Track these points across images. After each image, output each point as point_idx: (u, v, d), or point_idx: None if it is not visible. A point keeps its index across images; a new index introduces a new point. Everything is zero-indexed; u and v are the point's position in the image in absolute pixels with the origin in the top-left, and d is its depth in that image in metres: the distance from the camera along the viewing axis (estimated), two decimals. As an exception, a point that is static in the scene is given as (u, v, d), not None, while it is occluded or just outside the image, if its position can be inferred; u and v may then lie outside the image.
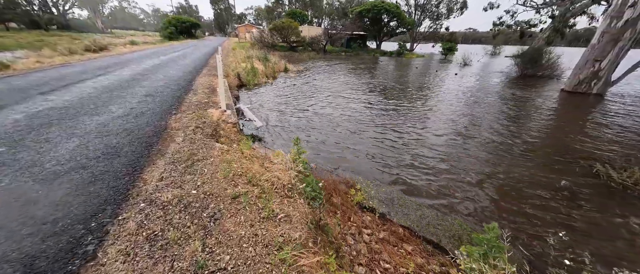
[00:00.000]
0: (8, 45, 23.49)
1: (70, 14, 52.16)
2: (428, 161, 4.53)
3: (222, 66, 5.01)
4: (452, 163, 4.47)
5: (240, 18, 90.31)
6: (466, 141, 5.52)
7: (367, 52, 34.94)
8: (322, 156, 4.67)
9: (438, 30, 46.28)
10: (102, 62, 11.75)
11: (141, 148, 3.29)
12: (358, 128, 6.08)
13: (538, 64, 15.93)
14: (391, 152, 4.88)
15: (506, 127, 6.50)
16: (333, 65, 19.33)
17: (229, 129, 4.55)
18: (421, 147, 5.13)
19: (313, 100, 8.63)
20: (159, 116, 4.61)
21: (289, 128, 5.97)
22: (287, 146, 4.98)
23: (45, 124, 3.84)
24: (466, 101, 9.18)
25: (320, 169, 4.06)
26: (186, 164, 2.96)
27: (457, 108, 8.21)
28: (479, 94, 10.49)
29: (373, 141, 5.38)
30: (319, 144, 5.18)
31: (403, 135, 5.74)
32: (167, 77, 8.36)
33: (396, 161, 4.53)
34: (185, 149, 3.37)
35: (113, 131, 3.75)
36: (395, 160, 4.55)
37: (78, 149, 3.11)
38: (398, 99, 9.28)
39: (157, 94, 6.13)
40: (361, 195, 2.96)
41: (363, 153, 4.79)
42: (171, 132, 3.90)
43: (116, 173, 2.66)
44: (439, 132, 5.97)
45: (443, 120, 6.90)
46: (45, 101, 4.96)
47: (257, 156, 3.80)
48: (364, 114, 7.21)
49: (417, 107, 8.13)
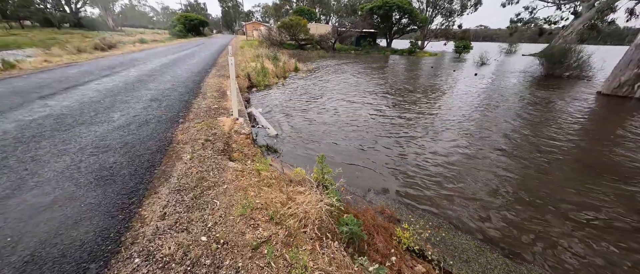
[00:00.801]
0: (21, 44, 23.73)
1: (83, 12, 52.94)
2: (470, 187, 3.89)
3: (234, 68, 4.49)
4: (501, 188, 3.82)
5: (247, 15, 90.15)
6: (508, 158, 4.83)
7: (377, 51, 34.00)
8: (346, 174, 4.09)
9: (450, 27, 44.80)
10: (109, 61, 11.45)
11: (142, 170, 2.78)
12: (381, 141, 5.46)
13: (566, 64, 14.85)
14: (420, 172, 4.25)
15: (550, 140, 5.75)
16: (343, 65, 18.64)
17: (242, 141, 4.01)
18: (460, 167, 4.47)
19: (327, 104, 8.03)
20: (165, 125, 4.11)
21: (305, 136, 5.41)
22: (306, 159, 4.42)
23: (37, 136, 3.39)
24: (494, 107, 8.41)
25: (348, 191, 3.48)
26: (194, 194, 2.42)
27: (488, 117, 7.46)
28: (506, 99, 9.67)
29: (398, 156, 4.76)
30: (339, 154, 4.60)
31: (431, 150, 5.09)
32: (175, 78, 7.91)
33: (429, 182, 3.90)
34: (194, 170, 2.85)
35: (111, 145, 3.26)
36: (428, 181, 3.93)
37: (67, 172, 2.61)
38: (417, 104, 8.59)
39: (164, 98, 5.66)
40: (409, 235, 2.37)
41: (393, 171, 4.18)
42: (177, 148, 3.39)
43: (109, 208, 2.15)
44: (473, 149, 5.29)
45: (474, 132, 6.20)
46: (43, 107, 4.54)
47: (276, 176, 3.25)
48: (385, 124, 6.57)
49: (441, 116, 7.43)
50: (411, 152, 4.77)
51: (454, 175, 4.03)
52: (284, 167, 4.25)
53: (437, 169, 4.22)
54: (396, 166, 4.29)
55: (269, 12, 78.36)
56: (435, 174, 4.04)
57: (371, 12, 34.63)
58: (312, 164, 4.30)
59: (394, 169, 4.17)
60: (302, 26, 29.48)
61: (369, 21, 35.88)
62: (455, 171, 4.14)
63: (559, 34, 34.79)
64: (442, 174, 4.06)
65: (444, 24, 44.48)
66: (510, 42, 41.37)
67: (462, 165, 4.36)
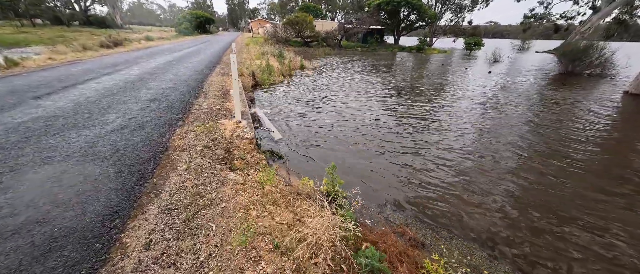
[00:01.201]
0: (30, 41, 24.00)
1: (92, 10, 53.63)
2: (493, 201, 3.45)
3: (237, 67, 4.14)
4: (526, 202, 3.37)
5: (253, 13, 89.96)
6: (532, 167, 4.36)
7: (384, 48, 33.26)
8: (357, 183, 3.70)
9: (460, 23, 43.58)
10: (113, 59, 11.27)
11: (130, 183, 2.45)
12: (391, 145, 5.03)
13: (587, 61, 14.01)
14: (438, 182, 3.83)
15: (575, 144, 5.22)
16: (350, 63, 18.14)
17: (245, 146, 3.66)
18: (479, 177, 4.03)
19: (333, 105, 7.62)
20: (162, 128, 3.80)
21: (311, 139, 5.02)
22: (313, 166, 4.05)
23: (22, 141, 3.11)
24: (511, 109, 7.85)
25: (363, 206, 3.10)
26: (187, 214, 2.08)
27: (505, 119, 6.93)
28: (523, 99, 9.07)
29: (411, 163, 4.34)
30: (348, 160, 4.21)
31: (447, 157, 4.64)
32: (177, 77, 7.63)
33: (448, 195, 3.48)
34: (189, 184, 2.51)
35: (101, 153, 2.95)
36: (446, 194, 3.51)
37: (47, 185, 2.31)
38: (429, 105, 8.10)
39: (164, 98, 5.36)
40: (442, 272, 1.97)
41: (406, 181, 3.77)
42: (173, 155, 3.06)
43: (86, 233, 1.82)
44: (492, 156, 4.81)
45: (491, 136, 5.71)
46: (35, 108, 4.28)
47: (281, 189, 2.89)
48: (395, 127, 6.14)
49: (455, 118, 6.94)
50: (426, 160, 4.35)
51: (474, 186, 3.60)
52: (290, 175, 3.90)
53: (456, 179, 3.79)
54: (410, 174, 3.88)
55: (274, 9, 77.98)
56: (453, 185, 3.62)
57: (378, 8, 33.82)
58: (321, 171, 3.93)
59: (408, 179, 3.76)
60: (308, 23, 28.98)
61: (376, 17, 35.09)
62: (475, 181, 3.70)
63: (575, 30, 33.40)
64: (461, 185, 3.64)
65: (453, 20, 43.31)
66: (523, 39, 39.94)
67: (481, 174, 3.92)
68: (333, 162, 3.01)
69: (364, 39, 34.61)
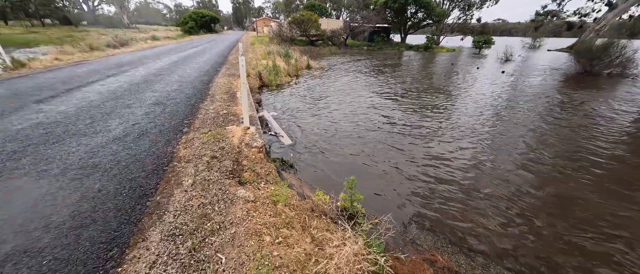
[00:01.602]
0: (39, 41, 24.29)
1: (99, 10, 54.31)
2: (527, 223, 3.13)
3: (245, 70, 3.88)
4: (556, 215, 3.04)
5: (258, 11, 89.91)
6: (561, 180, 4.00)
7: (391, 46, 32.74)
8: (372, 196, 3.42)
9: (468, 21, 42.61)
10: (119, 59, 11.18)
11: (131, 201, 2.22)
12: (405, 152, 4.72)
13: (606, 61, 13.38)
14: (461, 197, 3.51)
15: (604, 150, 4.82)
16: (356, 62, 17.78)
17: (254, 156, 3.41)
18: (505, 192, 3.70)
19: (342, 107, 7.33)
20: (167, 136, 3.58)
21: (321, 145, 4.75)
22: (326, 176, 3.78)
23: (18, 152, 2.91)
24: (529, 112, 7.44)
25: (387, 225, 2.81)
26: (193, 243, 1.84)
27: (525, 123, 6.53)
28: (541, 101, 8.62)
29: (429, 173, 4.03)
30: (361, 168, 3.92)
31: (468, 169, 4.32)
32: (183, 78, 7.44)
33: (476, 214, 3.17)
34: (195, 203, 2.27)
35: (101, 165, 2.74)
36: (472, 209, 3.20)
37: (40, 206, 2.09)
38: (442, 108, 7.73)
39: (169, 101, 5.15)
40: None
41: (426, 194, 3.47)
42: (178, 168, 2.82)
43: (78, 268, 1.59)
44: (517, 169, 4.46)
45: (512, 144, 5.34)
46: (36, 113, 4.11)
47: (295, 206, 2.63)
48: (408, 133, 5.81)
49: (472, 123, 6.56)
50: (443, 170, 4.03)
51: (499, 201, 3.28)
52: (303, 187, 3.64)
53: (478, 193, 3.47)
54: (428, 188, 3.57)
55: (279, 7, 77.73)
56: (475, 199, 3.31)
57: (385, 6, 33.24)
58: (334, 182, 3.67)
59: (426, 193, 3.46)
60: (313, 22, 28.65)
61: (383, 16, 34.52)
62: (498, 196, 3.38)
63: (589, 27, 32.24)
64: (484, 199, 3.32)
65: (461, 18, 42.36)
66: (534, 37, 38.81)
67: (503, 187, 3.59)
68: (353, 177, 2.74)
69: (370, 38, 34.11)
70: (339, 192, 3.33)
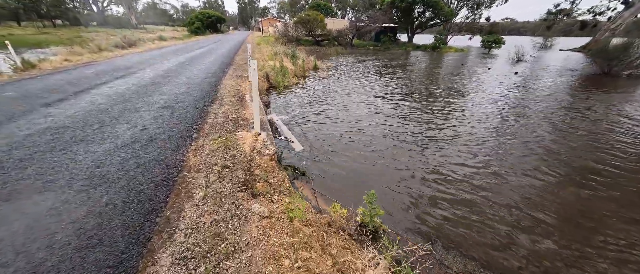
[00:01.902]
0: (49, 42, 24.70)
1: (108, 11, 55.17)
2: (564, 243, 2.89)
3: (256, 73, 3.72)
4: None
5: (263, 11, 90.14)
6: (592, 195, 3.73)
7: (398, 46, 32.32)
8: (391, 206, 3.22)
9: (476, 20, 41.81)
10: (127, 60, 11.19)
11: (140, 217, 2.08)
12: (419, 159, 4.51)
13: (626, 61, 12.84)
14: (483, 210, 3.29)
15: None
16: (363, 63, 17.53)
17: (266, 164, 3.25)
18: (529, 206, 3.46)
19: (351, 109, 7.13)
20: (175, 142, 3.45)
21: (331, 150, 4.57)
22: (340, 185, 3.60)
23: (24, 160, 2.81)
24: (548, 118, 7.11)
25: (408, 239, 2.62)
26: (206, 268, 1.67)
27: (546, 129, 6.23)
28: (561, 105, 8.27)
29: (446, 182, 3.81)
30: (375, 175, 3.73)
31: (487, 180, 4.08)
32: (190, 80, 7.34)
33: (501, 236, 2.95)
34: (207, 219, 2.11)
35: (108, 175, 2.61)
36: (497, 228, 2.97)
37: (44, 221, 1.96)
38: (456, 112, 7.46)
39: (177, 105, 5.04)
40: None
41: (447, 205, 3.26)
42: (188, 178, 2.68)
43: (83, 297, 1.45)
44: (541, 180, 4.20)
45: (534, 153, 5.07)
46: (44, 117, 4.03)
47: (312, 221, 2.46)
48: (422, 138, 5.58)
49: (490, 129, 6.29)
50: (461, 183, 3.81)
51: (533, 224, 3.04)
52: (317, 197, 3.47)
53: (503, 211, 3.24)
54: (447, 201, 3.36)
55: (284, 7, 77.74)
56: (497, 214, 3.08)
57: (392, 5, 32.81)
58: (348, 191, 3.49)
59: (445, 207, 3.25)
60: (319, 21, 28.45)
61: (389, 15, 34.10)
62: (532, 218, 3.14)
63: (604, 26, 31.21)
64: (507, 216, 3.09)
65: (469, 17, 41.57)
66: (545, 36, 37.84)
67: (532, 207, 3.35)
68: (373, 191, 2.55)
69: (376, 38, 33.75)
70: (354, 202, 3.15)
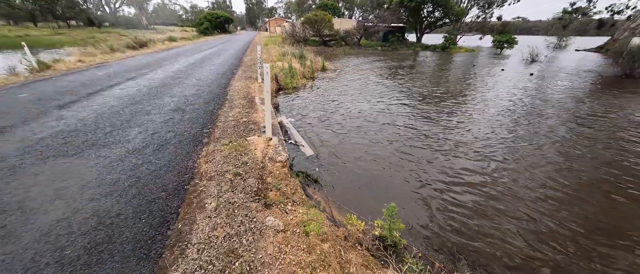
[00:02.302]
0: (64, 42, 25.35)
1: (120, 12, 56.49)
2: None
3: (267, 77, 3.61)
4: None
5: (270, 12, 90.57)
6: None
7: (406, 47, 31.87)
8: (410, 218, 3.06)
9: (488, 20, 40.83)
10: (138, 61, 11.33)
11: (151, 230, 1.99)
12: (433, 168, 4.31)
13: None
14: (505, 231, 3.09)
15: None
16: (372, 63, 17.29)
17: (279, 171, 3.15)
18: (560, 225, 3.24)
19: (362, 112, 6.96)
20: (186, 148, 3.38)
21: (343, 155, 4.42)
22: (353, 194, 3.47)
23: (37, 164, 2.78)
24: (571, 126, 6.78)
25: (431, 257, 2.46)
26: (221, 290, 1.57)
27: (573, 139, 5.93)
28: (583, 111, 7.89)
29: (463, 194, 3.62)
30: (388, 183, 3.57)
31: (508, 194, 3.86)
32: (200, 82, 7.33)
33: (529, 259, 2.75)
34: (220, 233, 2.01)
35: (119, 182, 2.55)
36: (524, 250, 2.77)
37: (53, 234, 1.90)
38: (474, 113, 7.20)
39: (188, 107, 5.00)
40: None
41: (465, 219, 3.08)
42: (200, 186, 2.59)
43: (92, 321, 1.36)
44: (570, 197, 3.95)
45: (558, 164, 4.80)
46: (57, 120, 4.03)
47: (327, 235, 2.33)
48: (435, 145, 5.38)
49: (514, 136, 6.03)
50: (479, 195, 3.61)
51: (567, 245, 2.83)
52: (331, 206, 3.34)
53: (532, 233, 3.03)
54: (464, 215, 3.18)
55: (291, 7, 77.89)
56: (525, 231, 2.88)
57: (400, 4, 32.36)
58: (362, 199, 3.35)
59: (463, 221, 3.07)
60: (327, 22, 28.31)
61: (397, 15, 33.65)
62: (563, 237, 2.93)
63: (624, 25, 29.98)
64: (539, 231, 2.89)
65: (480, 17, 40.64)
66: (560, 36, 36.64)
67: (560, 230, 3.12)
68: (393, 204, 2.41)
69: (384, 38, 33.36)
70: (369, 211, 3.02)
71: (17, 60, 9.07)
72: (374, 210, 3.17)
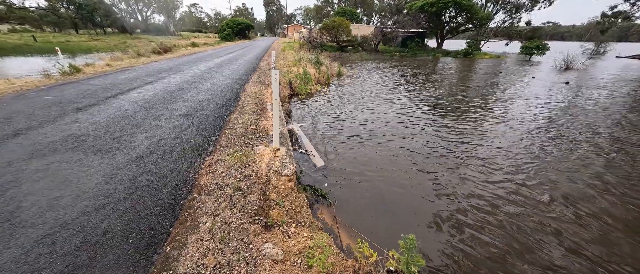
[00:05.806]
0: (98, 48, 27.32)
1: (151, 19, 60.45)
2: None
3: (278, 84, 3.40)
4: None
5: (289, 18, 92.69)
6: None
7: (425, 52, 30.88)
8: (427, 247, 2.65)
9: (515, 25, 38.64)
10: (160, 65, 11.76)
11: (137, 254, 1.79)
12: (454, 197, 3.83)
13: None
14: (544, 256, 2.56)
15: None
16: (389, 69, 16.78)
17: (284, 186, 2.88)
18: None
19: (377, 122, 6.57)
20: (190, 156, 3.22)
21: (355, 169, 4.07)
22: (365, 216, 3.11)
23: (41, 170, 2.73)
24: (628, 145, 5.92)
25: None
26: None
27: (629, 162, 5.15)
28: (635, 124, 6.93)
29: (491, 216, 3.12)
30: (404, 204, 3.17)
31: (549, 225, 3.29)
32: (215, 87, 7.35)
33: None
34: (210, 262, 1.76)
35: (115, 194, 2.41)
36: None
37: (33, 253, 1.75)
38: (496, 130, 6.55)
39: (198, 112, 4.93)
40: None
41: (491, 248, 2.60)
42: (197, 202, 2.39)
43: None
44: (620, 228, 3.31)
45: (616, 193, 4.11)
46: (71, 124, 4.09)
47: (335, 268, 2.00)
48: (458, 160, 4.86)
49: (547, 156, 5.35)
50: (509, 213, 3.10)
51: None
52: (340, 229, 3.01)
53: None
54: (493, 236, 2.70)
55: (310, 14, 79.11)
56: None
57: (421, 10, 31.54)
58: (375, 221, 2.98)
59: (495, 243, 2.59)
60: (344, 28, 28.22)
61: (417, 20, 32.84)
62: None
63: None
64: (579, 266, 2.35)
65: (506, 21, 38.58)
66: (597, 42, 33.74)
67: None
68: (412, 235, 2.04)
69: (403, 43, 32.65)
70: (382, 232, 2.67)
71: (51, 64, 9.71)
72: (388, 231, 2.81)
